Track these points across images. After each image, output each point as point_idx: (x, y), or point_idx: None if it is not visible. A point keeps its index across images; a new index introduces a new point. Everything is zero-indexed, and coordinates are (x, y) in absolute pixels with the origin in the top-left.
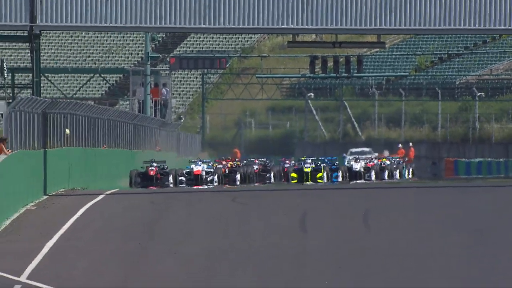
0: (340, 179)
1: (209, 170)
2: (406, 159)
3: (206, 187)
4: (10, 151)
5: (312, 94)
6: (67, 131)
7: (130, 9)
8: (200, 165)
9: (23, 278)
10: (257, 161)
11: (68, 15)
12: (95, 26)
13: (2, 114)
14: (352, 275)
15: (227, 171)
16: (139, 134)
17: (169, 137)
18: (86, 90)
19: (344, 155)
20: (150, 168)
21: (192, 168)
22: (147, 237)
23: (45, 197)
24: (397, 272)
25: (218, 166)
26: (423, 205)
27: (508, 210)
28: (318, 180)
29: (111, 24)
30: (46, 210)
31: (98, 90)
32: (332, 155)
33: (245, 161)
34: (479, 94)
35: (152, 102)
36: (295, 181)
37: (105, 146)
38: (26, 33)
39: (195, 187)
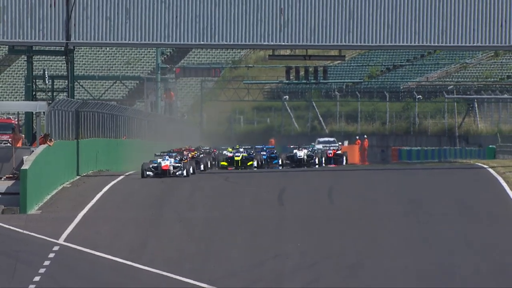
0: (280, 165)
1: (177, 164)
2: (339, 148)
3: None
4: (52, 140)
5: (287, 97)
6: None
7: (145, 29)
8: (167, 160)
9: (60, 240)
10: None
11: (96, 34)
12: (117, 43)
13: (44, 112)
14: (320, 235)
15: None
16: (152, 127)
17: (175, 129)
18: (110, 93)
19: (313, 143)
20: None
21: (160, 163)
22: (159, 207)
23: (77, 177)
24: (354, 232)
25: (184, 161)
26: (374, 182)
27: (438, 187)
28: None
29: (129, 41)
30: (78, 187)
31: (119, 93)
32: (304, 144)
33: (202, 150)
34: (418, 96)
35: (163, 103)
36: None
37: (124, 137)
38: (63, 49)
39: None
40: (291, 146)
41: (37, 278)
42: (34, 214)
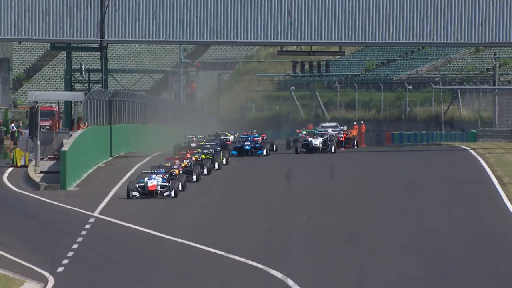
0: (264, 153)
1: (164, 184)
2: (349, 132)
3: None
4: (87, 124)
5: (294, 88)
6: (151, 123)
7: (169, 28)
8: (154, 178)
9: (95, 213)
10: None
11: (127, 33)
12: (145, 40)
13: (81, 101)
14: (322, 208)
15: (181, 171)
16: (175, 115)
17: (195, 116)
18: (138, 85)
19: (316, 128)
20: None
21: (147, 183)
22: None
23: (110, 158)
24: (352, 205)
25: (173, 179)
26: (370, 162)
27: (426, 166)
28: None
29: (156, 39)
30: (111, 167)
31: (147, 85)
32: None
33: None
34: (408, 87)
35: (185, 93)
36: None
37: (151, 123)
38: (97, 45)
39: None
40: (298, 131)
41: (75, 246)
42: (73, 190)
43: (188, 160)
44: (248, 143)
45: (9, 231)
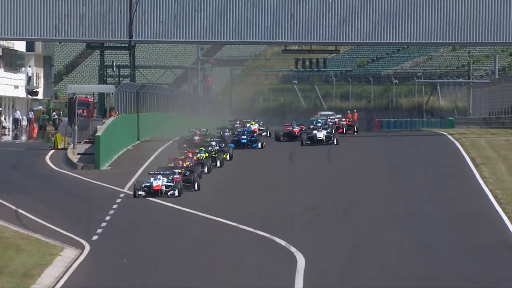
0: (259, 146)
1: (168, 184)
2: (350, 119)
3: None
4: (118, 113)
5: (296, 81)
6: (173, 112)
7: (188, 30)
8: (159, 179)
9: (125, 190)
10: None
11: (152, 34)
12: (167, 40)
13: (112, 93)
14: (320, 186)
15: (183, 171)
16: (193, 105)
17: (211, 106)
18: (162, 79)
19: (315, 115)
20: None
21: (152, 183)
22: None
23: (137, 141)
24: (347, 185)
25: (176, 179)
26: (363, 146)
27: (410, 150)
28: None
29: (177, 39)
30: (138, 149)
31: (169, 79)
32: (306, 118)
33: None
34: (395, 81)
35: (202, 86)
36: None
37: (173, 112)
38: (127, 45)
39: None
40: (286, 124)
41: (107, 218)
42: (105, 169)
43: (189, 160)
44: (245, 137)
45: (50, 205)
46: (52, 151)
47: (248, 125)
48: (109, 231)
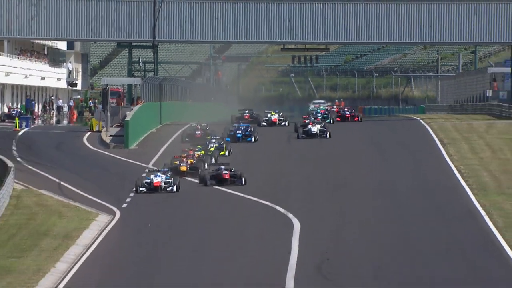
0: (253, 140)
1: (167, 180)
2: (335, 107)
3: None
4: (143, 101)
5: (293, 75)
6: (190, 101)
7: (203, 32)
8: (159, 176)
9: (149, 165)
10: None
11: (172, 35)
12: (185, 40)
13: (139, 85)
14: (315, 164)
15: (188, 168)
16: (206, 94)
17: (221, 95)
18: (180, 72)
19: (309, 104)
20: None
21: (152, 180)
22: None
23: (160, 125)
24: (339, 163)
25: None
26: (350, 129)
27: (388, 132)
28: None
29: (193, 39)
30: (160, 132)
31: (186, 72)
32: (302, 106)
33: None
34: (375, 74)
35: (214, 79)
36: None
37: (190, 100)
38: (151, 44)
39: None
40: (266, 111)
41: (135, 189)
42: (133, 148)
43: (191, 157)
44: (240, 131)
45: (87, 178)
46: (89, 133)
47: (268, 115)
48: (136, 200)
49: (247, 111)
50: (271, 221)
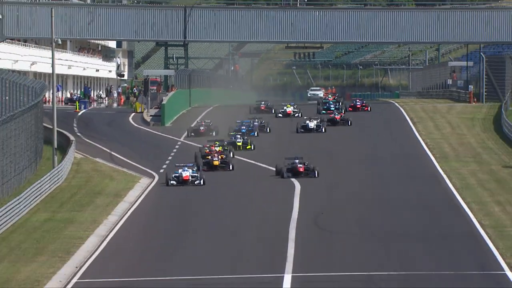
0: (256, 134)
1: (194, 174)
2: (364, 101)
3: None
4: (176, 88)
5: (295, 67)
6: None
7: (223, 33)
8: (186, 170)
9: (181, 139)
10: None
11: (199, 36)
12: (210, 40)
13: (173, 76)
14: (312, 143)
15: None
16: (226, 83)
17: (238, 84)
18: (206, 66)
19: (307, 90)
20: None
21: (181, 174)
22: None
23: (189, 107)
24: (330, 139)
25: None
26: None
27: (370, 113)
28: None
29: (216, 39)
30: (190, 113)
31: (210, 66)
32: (301, 93)
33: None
34: (360, 67)
35: (232, 71)
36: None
37: (213, 87)
38: (182, 43)
39: None
40: (258, 101)
41: (169, 157)
42: (168, 126)
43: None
44: (244, 127)
45: (132, 149)
46: (133, 114)
47: (284, 107)
48: (171, 165)
49: (263, 102)
50: (277, 184)
